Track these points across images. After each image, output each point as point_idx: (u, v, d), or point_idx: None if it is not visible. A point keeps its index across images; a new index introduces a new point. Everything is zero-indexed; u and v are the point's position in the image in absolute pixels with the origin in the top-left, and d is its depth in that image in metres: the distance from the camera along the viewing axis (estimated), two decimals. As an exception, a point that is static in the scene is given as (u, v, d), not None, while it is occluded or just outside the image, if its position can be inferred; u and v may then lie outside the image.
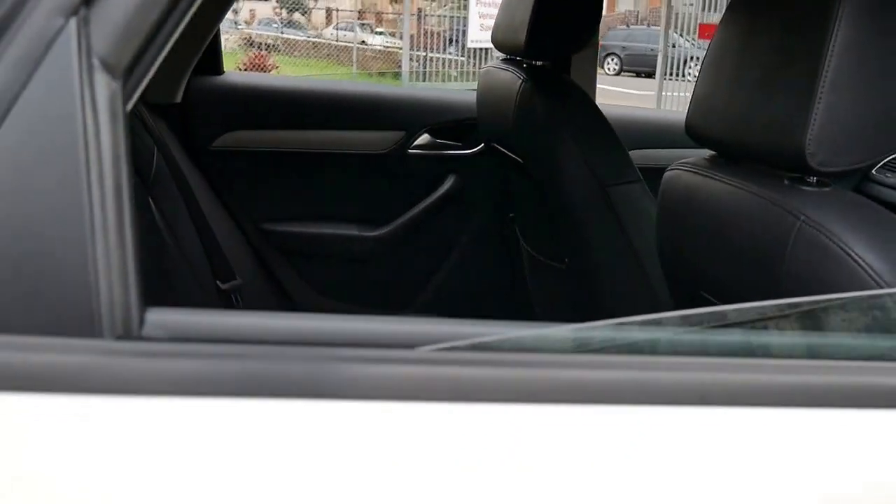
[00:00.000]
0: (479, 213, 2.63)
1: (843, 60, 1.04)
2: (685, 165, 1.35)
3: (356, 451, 0.72)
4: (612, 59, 20.18)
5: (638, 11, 24.27)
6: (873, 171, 2.70)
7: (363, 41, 18.46)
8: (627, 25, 22.50)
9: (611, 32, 20.81)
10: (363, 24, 20.15)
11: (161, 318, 0.75)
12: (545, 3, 1.90)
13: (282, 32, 19.89)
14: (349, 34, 18.70)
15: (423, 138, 2.56)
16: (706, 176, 1.28)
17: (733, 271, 1.24)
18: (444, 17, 16.58)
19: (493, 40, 2.17)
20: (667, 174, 1.39)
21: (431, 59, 15.76)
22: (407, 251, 2.62)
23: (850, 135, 1.07)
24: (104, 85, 0.72)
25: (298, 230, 2.54)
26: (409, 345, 0.75)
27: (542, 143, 1.96)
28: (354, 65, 16.63)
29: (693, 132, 1.30)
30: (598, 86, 2.48)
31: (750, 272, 1.19)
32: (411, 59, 15.68)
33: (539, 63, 2.08)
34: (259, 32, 19.51)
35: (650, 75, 16.15)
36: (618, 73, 19.85)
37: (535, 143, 1.99)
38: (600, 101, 2.22)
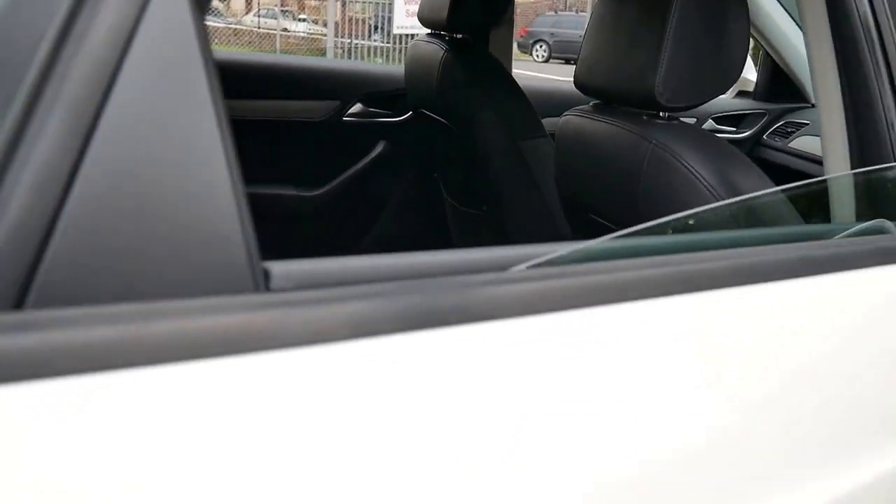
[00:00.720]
0: (407, 175, 2.94)
1: (682, 23, 1.39)
2: (574, 111, 1.72)
3: (519, 365, 0.78)
4: (541, 46, 20.02)
5: (565, -2, 24.65)
6: (764, 137, 3.10)
7: (285, 28, 18.40)
8: (556, 12, 22.67)
9: (539, 19, 20.81)
10: (285, 11, 20.02)
11: (278, 269, 0.76)
12: None
13: (200, 19, 19.65)
14: (271, 21, 18.63)
15: (357, 107, 2.86)
16: (589, 118, 1.65)
17: (608, 192, 1.60)
18: (369, 3, 16.63)
19: (420, 17, 2.50)
20: (561, 119, 1.77)
21: (357, 46, 15.85)
22: (342, 211, 2.92)
23: (688, 79, 1.42)
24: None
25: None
26: (501, 267, 0.83)
27: (462, 105, 2.27)
28: (278, 52, 16.60)
29: (580, 85, 1.67)
30: (527, 73, 2.79)
31: (618, 190, 1.55)
32: (336, 47, 15.75)
33: (460, 36, 2.39)
34: (175, 19, 19.26)
35: (570, 61, 16.25)
36: (546, 60, 19.84)
37: (456, 104, 2.31)
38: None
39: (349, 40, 15.90)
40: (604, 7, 1.60)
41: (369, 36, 16.26)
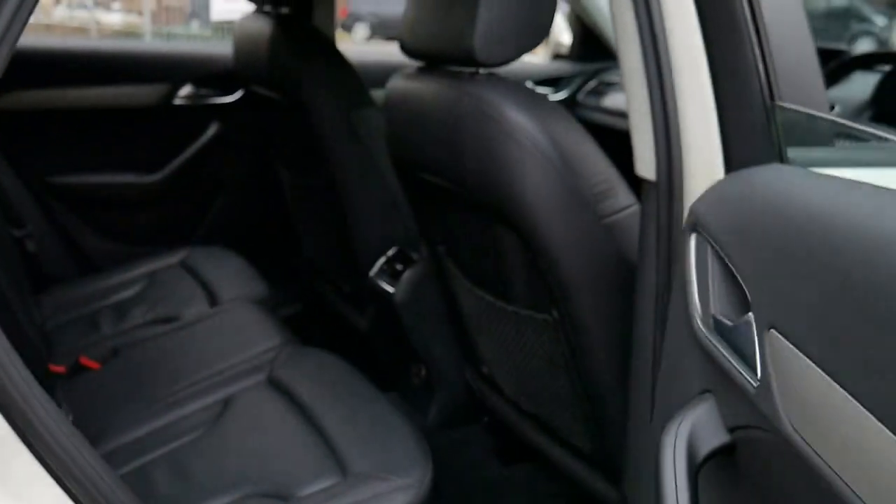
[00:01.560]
0: (243, 153, 3.05)
1: None
2: (401, 75, 1.84)
3: None
4: (361, 26, 19.83)
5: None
6: (580, 96, 3.28)
7: (99, 21, 17.73)
8: (376, -7, 22.40)
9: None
10: (97, 2, 19.29)
11: None
12: None
13: (4, 15, 18.69)
14: (84, 13, 17.95)
15: (187, 89, 2.92)
16: (414, 80, 1.78)
17: (435, 150, 1.72)
18: None
19: None
20: (389, 83, 1.88)
21: (175, 35, 15.49)
22: (181, 193, 3.00)
23: (503, 36, 1.55)
24: None
25: (79, 180, 2.86)
26: None
27: (292, 80, 2.37)
28: None
29: (405, 49, 1.79)
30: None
31: (443, 144, 1.67)
32: (154, 36, 15.37)
33: (284, 11, 2.49)
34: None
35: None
36: (368, 39, 19.59)
37: (285, 80, 2.40)
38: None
39: (167, 29, 15.52)
40: None
41: (188, 24, 15.91)
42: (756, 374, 0.99)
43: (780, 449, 0.95)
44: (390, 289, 2.38)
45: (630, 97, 1.40)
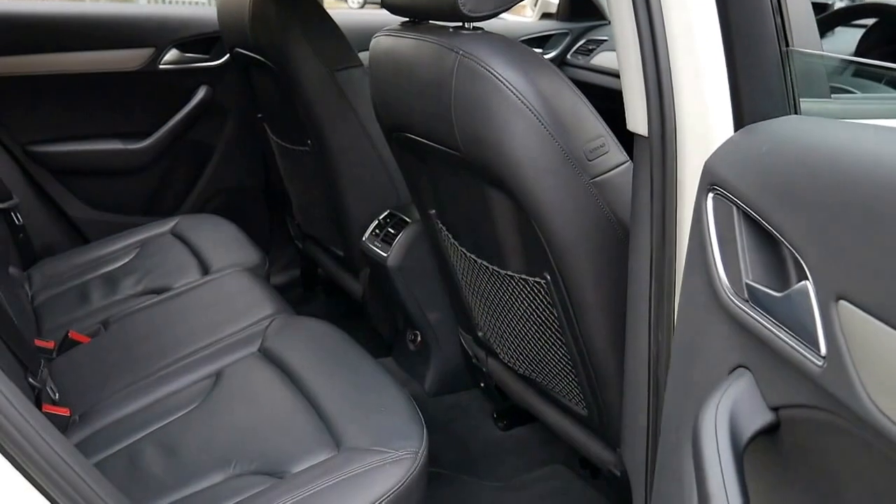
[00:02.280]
0: (231, 118, 3.00)
1: None
2: (384, 32, 1.78)
3: None
4: None
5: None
6: (568, 56, 3.28)
7: None
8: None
9: (353, -34, 20.56)
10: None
11: None
12: None
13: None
14: None
15: (172, 53, 2.87)
16: (399, 36, 1.72)
17: (420, 106, 1.67)
18: None
19: None
20: (372, 40, 1.82)
21: None
22: (169, 161, 2.96)
23: None
24: None
25: (64, 149, 2.82)
26: None
27: (276, 41, 2.32)
28: None
29: (388, 5, 1.73)
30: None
31: (430, 102, 1.62)
32: None
33: None
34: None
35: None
36: (362, 6, 19.53)
37: (270, 41, 2.35)
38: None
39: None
40: None
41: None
42: (819, 351, 0.90)
43: (851, 430, 0.88)
44: (383, 253, 2.35)
45: (620, 48, 1.34)
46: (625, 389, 1.56)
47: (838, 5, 2.64)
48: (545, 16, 3.52)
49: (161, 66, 2.86)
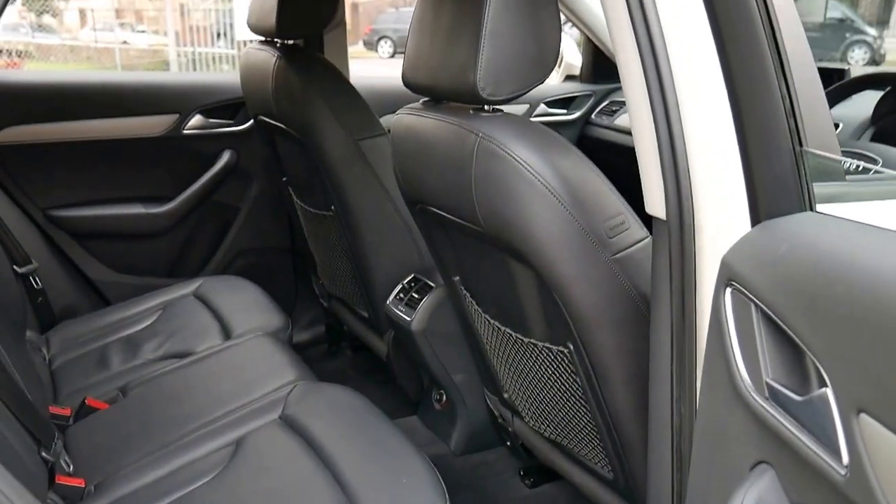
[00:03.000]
0: (255, 181, 3.01)
1: (496, 20, 1.47)
2: (406, 110, 1.81)
3: None
4: (386, 42, 20.11)
5: (408, -8, 24.71)
6: (592, 116, 3.32)
7: (125, 41, 17.88)
8: (396, 8, 22.70)
9: (381, 16, 20.82)
10: (123, 24, 19.46)
11: None
12: None
13: (33, 37, 18.97)
14: (108, 34, 18.09)
15: (196, 119, 2.89)
16: (419, 115, 1.74)
17: (443, 185, 1.69)
18: (210, 10, 16.34)
19: (249, 24, 2.54)
20: (394, 118, 1.85)
21: (200, 54, 15.56)
22: (193, 223, 2.97)
23: (506, 73, 1.51)
24: None
25: (86, 214, 2.83)
26: None
27: (300, 111, 2.34)
28: (119, 66, 15.99)
29: (407, 83, 1.75)
30: (374, 70, 2.90)
31: (451, 180, 1.64)
32: (179, 56, 15.45)
33: (291, 42, 2.46)
34: (6, 39, 18.55)
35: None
36: (392, 56, 19.91)
37: (293, 111, 2.37)
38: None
39: (192, 49, 15.61)
40: (422, 7, 1.68)
41: (212, 43, 16.01)
42: (842, 460, 0.90)
43: None
44: (407, 317, 2.35)
45: (636, 136, 1.35)
46: (649, 458, 1.54)
47: (855, 71, 2.69)
48: (569, 77, 3.55)
49: (185, 132, 2.88)
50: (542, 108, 3.35)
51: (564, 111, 3.38)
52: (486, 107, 1.59)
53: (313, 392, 1.96)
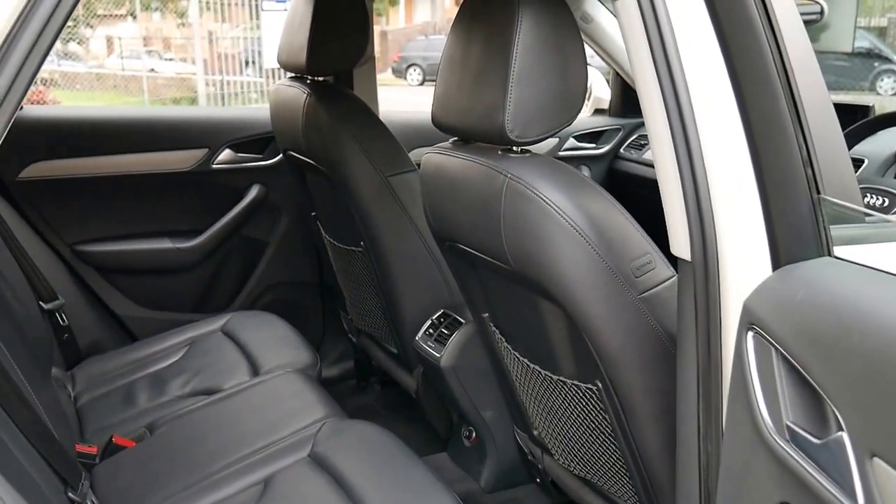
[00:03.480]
0: (284, 216, 3.04)
1: (523, 61, 1.51)
2: (435, 149, 1.85)
3: None
4: (415, 70, 20.19)
5: (435, 22, 24.86)
6: (621, 150, 3.35)
7: (152, 69, 18.01)
8: (426, 36, 22.90)
9: (410, 44, 20.98)
10: (150, 51, 19.62)
11: None
12: (320, 27, 2.34)
13: (59, 65, 19.16)
14: (136, 62, 18.23)
15: (226, 153, 2.94)
16: (448, 155, 1.78)
17: (472, 224, 1.72)
18: (238, 38, 16.43)
19: (279, 61, 2.59)
20: (423, 157, 1.89)
21: (229, 82, 15.65)
22: (221, 258, 3.00)
23: (534, 115, 1.55)
24: None
25: (113, 248, 2.88)
26: None
27: (330, 148, 2.37)
28: (146, 94, 16.01)
29: (437, 123, 1.79)
30: (403, 98, 2.94)
31: (480, 220, 1.67)
32: (207, 84, 15.54)
33: (321, 78, 2.50)
34: (33, 67, 18.61)
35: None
36: (421, 83, 20.00)
37: (323, 147, 2.40)
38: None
39: (220, 77, 15.72)
40: (451, 49, 1.73)
41: (241, 71, 16.11)
42: (857, 501, 0.96)
43: None
44: (436, 354, 2.37)
45: (661, 180, 1.40)
46: (677, 495, 1.56)
47: (883, 103, 2.71)
48: (597, 111, 3.57)
49: (214, 166, 2.93)
50: (572, 142, 3.38)
51: (593, 145, 3.42)
52: (514, 147, 1.62)
53: (342, 430, 1.98)
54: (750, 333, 1.20)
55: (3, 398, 1.11)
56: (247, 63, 16.05)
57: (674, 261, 1.50)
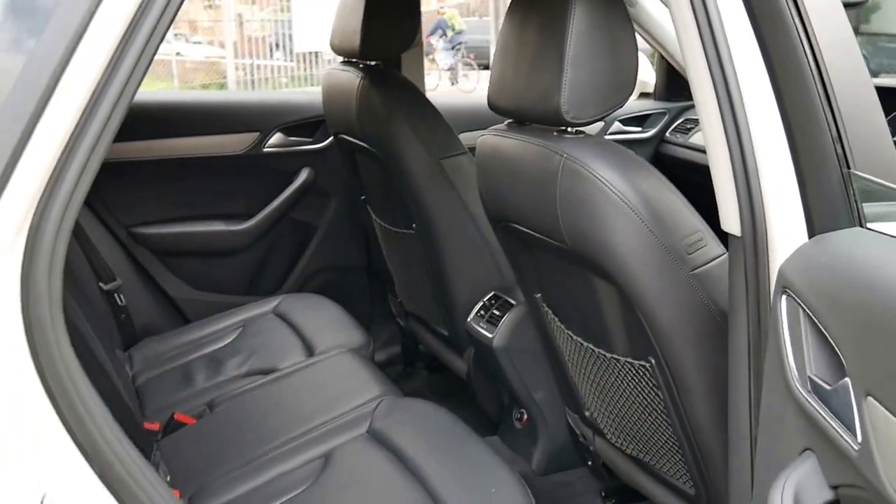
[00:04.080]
0: (333, 199, 3.12)
1: (577, 45, 1.59)
2: (491, 131, 1.92)
3: None
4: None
5: (469, 3, 24.76)
6: (667, 134, 3.37)
7: (178, 52, 17.95)
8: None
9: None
10: (177, 34, 19.60)
11: None
12: (373, 13, 2.41)
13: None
14: (162, 45, 18.18)
15: (277, 137, 3.01)
16: (504, 136, 1.86)
17: (529, 204, 1.79)
18: (267, 21, 16.35)
19: (332, 46, 2.66)
20: (479, 139, 1.96)
21: (258, 66, 15.58)
22: (271, 241, 3.08)
23: (589, 96, 1.63)
24: None
25: (167, 231, 2.96)
26: None
27: (382, 131, 2.44)
28: (175, 79, 15.98)
29: (492, 106, 1.87)
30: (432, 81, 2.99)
31: (536, 199, 1.74)
32: (237, 69, 15.51)
33: (373, 63, 2.57)
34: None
35: (488, 67, 16.09)
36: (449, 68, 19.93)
37: (376, 130, 2.47)
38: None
39: (250, 61, 15.69)
40: (506, 37, 1.80)
41: (270, 55, 16.08)
42: (857, 438, 1.07)
43: None
44: (489, 335, 2.41)
45: (712, 158, 1.48)
46: (729, 469, 1.62)
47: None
48: (642, 95, 3.62)
49: (265, 150, 3.00)
50: (617, 125, 3.41)
51: (639, 129, 3.46)
52: (569, 128, 1.70)
53: (399, 407, 2.05)
54: (783, 296, 1.29)
55: (88, 371, 1.20)
56: (277, 46, 16.01)
57: (724, 240, 1.57)
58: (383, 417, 2.00)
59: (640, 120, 3.48)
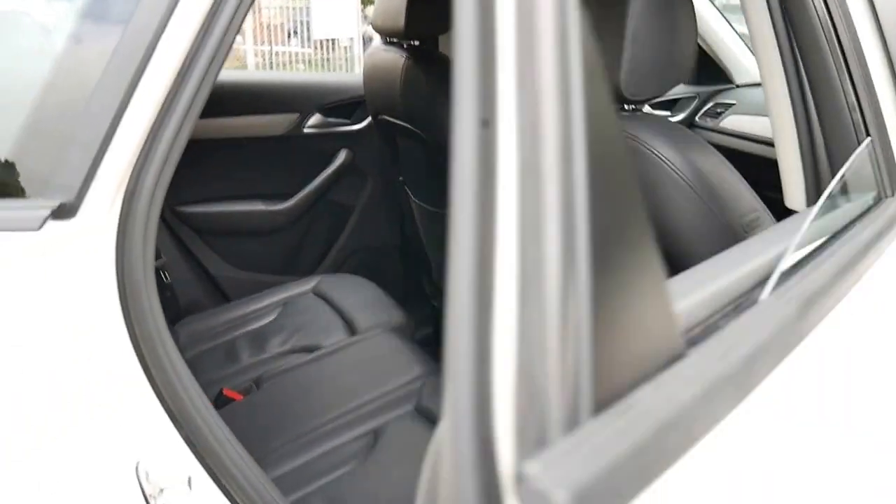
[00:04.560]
0: (371, 180, 3.12)
1: (637, 24, 1.58)
2: None
3: None
4: None
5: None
6: (696, 118, 3.35)
7: None
8: None
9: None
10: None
11: None
12: None
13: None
14: None
15: (316, 118, 3.02)
16: None
17: None
18: (284, 8, 16.31)
19: (374, 26, 2.65)
20: None
21: (277, 53, 15.58)
22: (310, 221, 3.09)
23: (649, 74, 1.62)
24: None
25: (209, 210, 2.97)
26: None
27: (428, 109, 2.45)
28: None
29: None
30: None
31: None
32: (255, 55, 15.51)
33: (416, 43, 2.57)
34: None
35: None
36: None
37: (421, 109, 2.48)
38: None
39: (268, 47, 15.67)
40: None
41: (288, 41, 16.05)
42: None
43: None
44: None
45: (778, 136, 1.50)
46: None
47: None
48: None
49: (305, 131, 3.01)
50: (646, 108, 3.40)
51: (668, 113, 3.44)
52: (627, 106, 1.70)
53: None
54: None
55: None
56: (294, 32, 15.97)
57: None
58: (431, 395, 2.01)
59: (669, 104, 3.46)
